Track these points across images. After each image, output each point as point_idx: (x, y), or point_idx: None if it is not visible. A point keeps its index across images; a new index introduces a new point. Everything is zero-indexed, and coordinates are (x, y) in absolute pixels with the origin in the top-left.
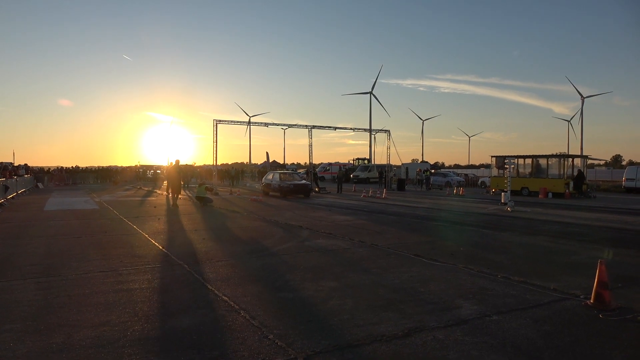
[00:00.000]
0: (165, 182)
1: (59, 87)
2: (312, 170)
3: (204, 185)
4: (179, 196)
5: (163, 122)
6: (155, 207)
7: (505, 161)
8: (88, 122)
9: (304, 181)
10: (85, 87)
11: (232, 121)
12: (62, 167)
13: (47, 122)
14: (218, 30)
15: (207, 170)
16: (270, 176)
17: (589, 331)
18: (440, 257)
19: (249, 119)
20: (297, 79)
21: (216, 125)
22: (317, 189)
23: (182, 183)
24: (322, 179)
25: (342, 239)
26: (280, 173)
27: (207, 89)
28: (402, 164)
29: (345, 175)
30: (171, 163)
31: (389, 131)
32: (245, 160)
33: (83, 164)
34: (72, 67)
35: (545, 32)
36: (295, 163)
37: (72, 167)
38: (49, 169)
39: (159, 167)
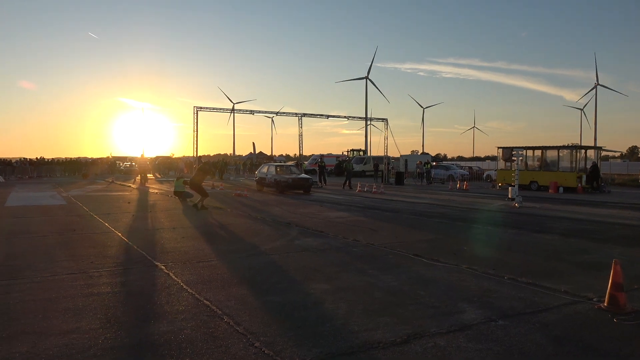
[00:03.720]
0: (138, 175)
1: (21, 71)
2: (320, 163)
3: (182, 179)
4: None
5: (136, 109)
6: (129, 202)
7: (513, 153)
8: (53, 110)
9: (303, 175)
10: (49, 70)
11: (214, 108)
12: (25, 159)
13: (8, 109)
14: (198, 8)
15: (187, 163)
16: (264, 169)
17: (602, 336)
18: (441, 257)
19: (233, 106)
20: (286, 62)
21: (196, 113)
22: (321, 184)
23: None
24: (313, 172)
25: (335, 238)
26: (276, 166)
27: (187, 73)
28: (401, 155)
29: (340, 167)
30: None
31: (386, 120)
32: (229, 151)
33: (49, 155)
34: (36, 47)
35: (555, 11)
36: (284, 155)
37: (36, 158)
38: (11, 160)
39: (132, 159)
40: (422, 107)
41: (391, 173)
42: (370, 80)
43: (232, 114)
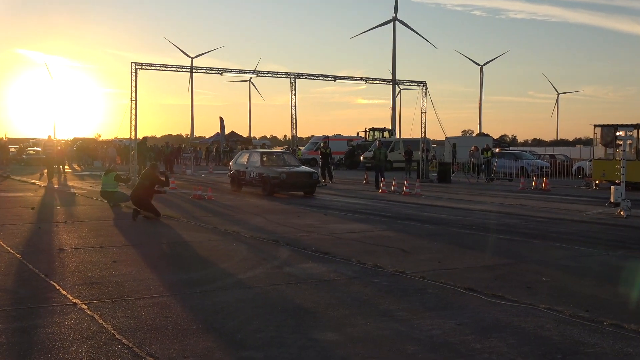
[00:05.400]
0: (45, 169)
1: None
2: (323, 149)
3: (113, 173)
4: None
5: (43, 66)
6: (33, 208)
7: (618, 134)
8: None
9: (304, 168)
10: None
11: (162, 65)
12: None
13: None
14: None
15: (120, 148)
16: (243, 159)
17: None
18: (508, 293)
19: (192, 62)
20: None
21: (136, 72)
22: (325, 181)
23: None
24: (314, 162)
25: (346, 263)
26: (262, 154)
27: (120, 13)
28: (447, 138)
29: (353, 155)
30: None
31: (424, 84)
32: (186, 130)
33: None
34: None
35: None
36: (269, 137)
37: None
38: None
39: (37, 143)
40: (478, 64)
41: (431, 164)
42: (400, 21)
43: (190, 74)
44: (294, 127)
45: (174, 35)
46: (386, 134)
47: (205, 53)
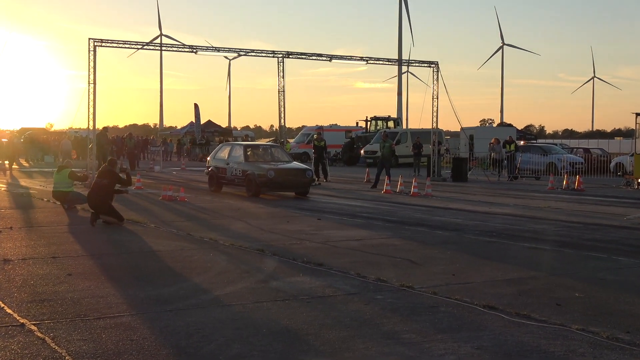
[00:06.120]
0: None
1: None
2: (316, 142)
3: (68, 170)
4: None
5: None
6: None
7: None
8: None
9: (296, 164)
10: None
11: (125, 42)
12: None
13: None
14: None
15: (76, 141)
16: (223, 153)
17: None
18: (535, 311)
19: (161, 39)
20: None
21: (94, 50)
22: (318, 180)
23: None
24: (306, 157)
25: (343, 276)
26: (246, 147)
27: None
28: (462, 129)
29: (351, 149)
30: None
31: (436, 64)
32: (154, 120)
33: None
34: None
35: None
36: (253, 127)
37: None
38: None
39: None
40: (502, 41)
41: (444, 159)
42: None
43: (160, 52)
44: (282, 115)
45: (143, 7)
46: (391, 123)
47: (176, 42)
